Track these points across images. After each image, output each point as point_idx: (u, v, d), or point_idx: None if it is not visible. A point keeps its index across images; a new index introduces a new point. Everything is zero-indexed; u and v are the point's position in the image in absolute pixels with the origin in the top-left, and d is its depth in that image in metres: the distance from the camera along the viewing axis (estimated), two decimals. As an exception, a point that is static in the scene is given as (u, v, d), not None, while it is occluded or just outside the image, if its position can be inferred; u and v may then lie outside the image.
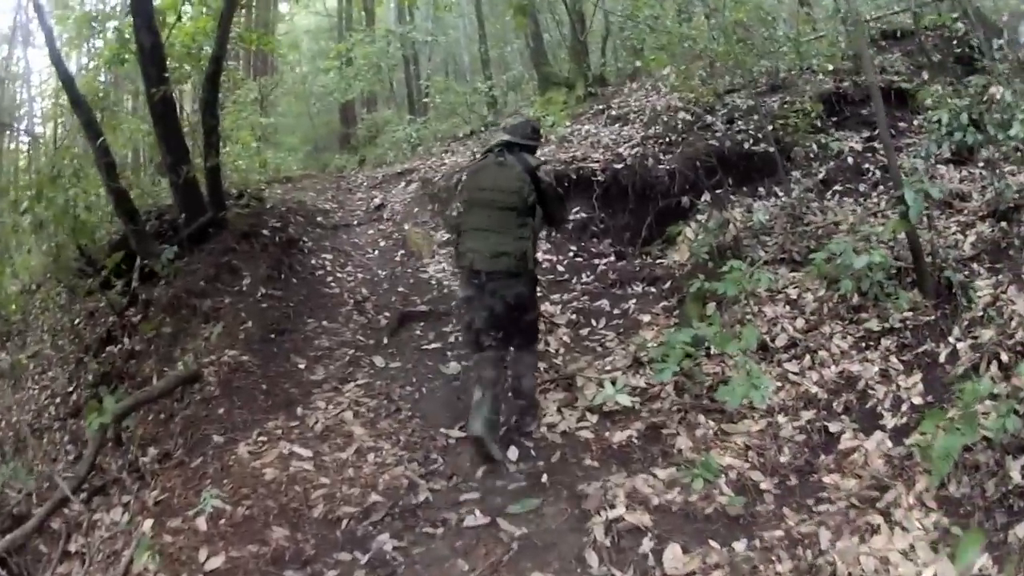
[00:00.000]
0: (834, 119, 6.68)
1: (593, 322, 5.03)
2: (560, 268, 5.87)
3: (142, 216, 6.79)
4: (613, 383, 3.49)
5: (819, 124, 6.14)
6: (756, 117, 6.11)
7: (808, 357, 3.92)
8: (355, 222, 7.98)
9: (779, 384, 3.74)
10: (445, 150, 11.20)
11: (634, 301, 5.16)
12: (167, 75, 6.09)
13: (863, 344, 3.89)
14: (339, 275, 6.21)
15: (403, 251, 6.71)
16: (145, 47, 6.04)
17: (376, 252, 6.88)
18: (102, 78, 8.50)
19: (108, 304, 6.69)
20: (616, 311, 5.13)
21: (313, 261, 6.39)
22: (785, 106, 6.61)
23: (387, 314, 5.41)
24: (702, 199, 5.64)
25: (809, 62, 7.49)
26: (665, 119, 6.95)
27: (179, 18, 7.28)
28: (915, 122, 6.30)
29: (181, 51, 7.15)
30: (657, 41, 6.68)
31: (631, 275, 5.52)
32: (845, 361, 3.81)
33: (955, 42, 5.96)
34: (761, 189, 6.06)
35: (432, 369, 4.62)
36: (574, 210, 6.38)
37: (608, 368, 4.22)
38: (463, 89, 12.59)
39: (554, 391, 4.08)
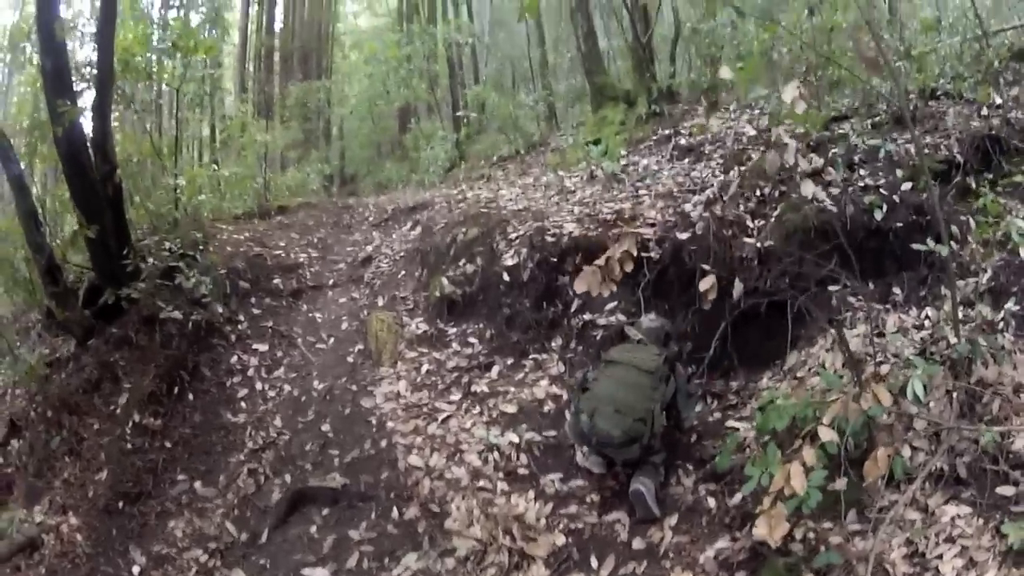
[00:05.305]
0: (987, 177, 4.30)
1: (593, 563, 2.91)
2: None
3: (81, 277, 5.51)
4: None
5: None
6: (899, 167, 3.86)
7: None
8: (330, 282, 6.18)
9: None
10: (481, 176, 9.32)
11: (673, 523, 2.98)
12: (66, 105, 4.65)
13: None
14: (259, 386, 4.42)
15: (361, 346, 4.84)
16: (47, 70, 4.72)
17: (332, 340, 5.04)
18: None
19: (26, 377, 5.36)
20: (637, 542, 2.98)
21: (234, 359, 4.64)
22: (927, 152, 4.29)
23: (287, 479, 3.56)
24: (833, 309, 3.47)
25: (943, 84, 5.16)
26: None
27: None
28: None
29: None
30: (737, 49, 4.48)
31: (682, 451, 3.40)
32: None
33: None
34: (897, 291, 3.77)
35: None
36: (608, 306, 4.36)
37: None
38: (508, 100, 10.58)
39: None
